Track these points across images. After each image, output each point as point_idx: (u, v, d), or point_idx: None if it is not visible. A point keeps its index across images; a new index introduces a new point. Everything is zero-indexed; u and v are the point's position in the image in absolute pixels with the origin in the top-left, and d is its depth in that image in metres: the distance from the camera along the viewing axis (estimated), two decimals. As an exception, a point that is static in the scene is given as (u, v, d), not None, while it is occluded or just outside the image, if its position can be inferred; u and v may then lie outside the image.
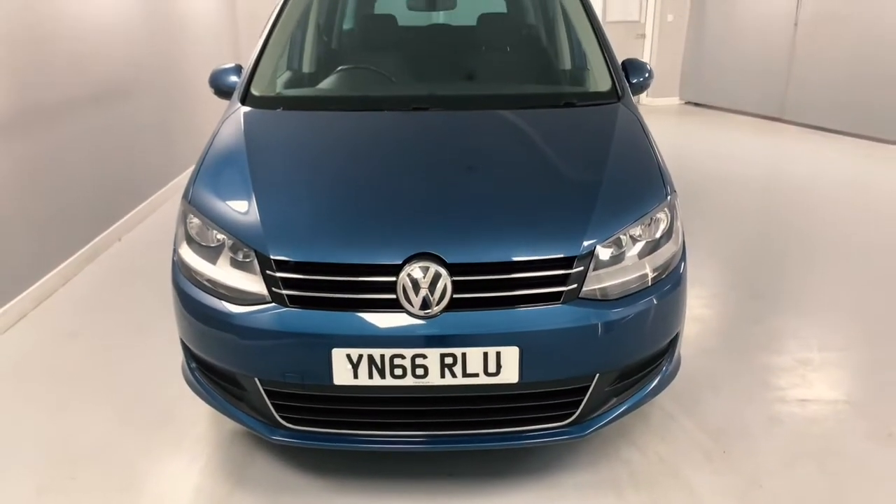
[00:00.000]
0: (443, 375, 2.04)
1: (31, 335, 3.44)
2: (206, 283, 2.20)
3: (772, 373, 3.05)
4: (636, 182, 2.41)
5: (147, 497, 2.32)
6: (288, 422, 2.18)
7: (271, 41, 3.16)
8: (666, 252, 2.30)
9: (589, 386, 2.14)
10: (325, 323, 2.04)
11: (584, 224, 2.15)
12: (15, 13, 3.56)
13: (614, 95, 2.89)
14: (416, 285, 2.02)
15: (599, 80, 3.01)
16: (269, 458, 2.49)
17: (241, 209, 2.23)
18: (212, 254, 2.22)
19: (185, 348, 2.36)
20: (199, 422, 2.68)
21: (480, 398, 2.11)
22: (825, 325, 3.50)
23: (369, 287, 2.05)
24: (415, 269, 2.02)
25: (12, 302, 3.51)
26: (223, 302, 2.14)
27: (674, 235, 2.35)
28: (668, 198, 2.37)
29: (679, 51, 10.03)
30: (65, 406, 2.83)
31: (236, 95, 2.91)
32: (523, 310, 2.05)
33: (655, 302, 2.20)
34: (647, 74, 3.25)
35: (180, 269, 2.29)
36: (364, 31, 3.96)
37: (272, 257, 2.09)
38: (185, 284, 2.25)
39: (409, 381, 2.04)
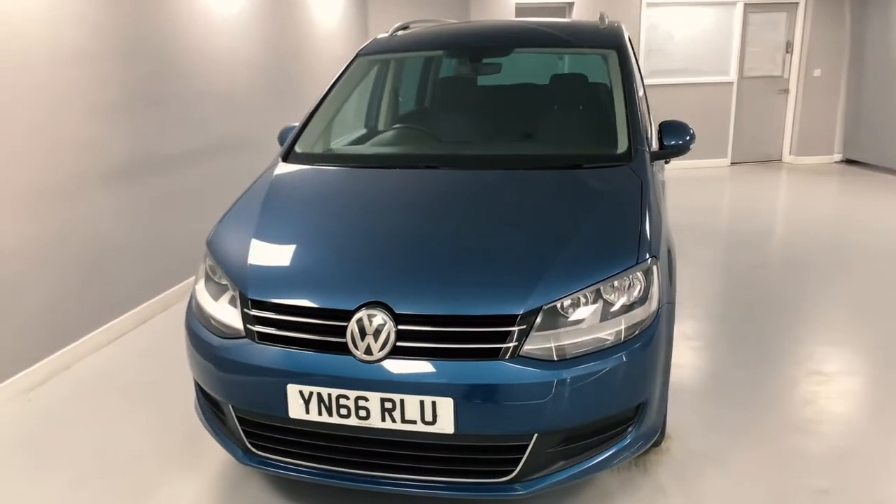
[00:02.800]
0: (383, 419, 2.17)
1: (123, 353, 3.96)
2: (206, 317, 2.49)
3: (798, 456, 2.82)
4: (606, 245, 2.41)
5: (150, 499, 2.62)
6: (255, 448, 2.39)
7: (325, 103, 3.49)
8: (632, 317, 2.27)
9: (528, 444, 2.16)
10: (282, 359, 2.25)
11: (532, 284, 2.20)
12: (145, 85, 4.23)
13: (627, 158, 2.89)
14: (363, 331, 2.17)
15: (619, 143, 3.02)
16: (262, 483, 2.72)
17: (239, 253, 2.52)
18: (218, 291, 2.51)
19: (195, 379, 2.66)
20: (216, 444, 2.97)
21: (420, 445, 2.21)
22: (891, 415, 3.16)
23: (324, 330, 2.23)
24: (364, 316, 2.18)
25: (113, 322, 4.09)
26: (211, 334, 2.42)
27: (647, 302, 2.32)
28: (644, 262, 2.34)
29: (828, 107, 9.38)
30: (121, 417, 3.25)
31: (280, 152, 3.26)
32: (460, 363, 2.13)
33: (609, 367, 2.18)
34: (687, 137, 3.19)
35: (192, 307, 2.60)
36: (436, 92, 4.22)
37: (249, 297, 2.35)
38: (193, 321, 2.55)
39: (353, 421, 2.19)
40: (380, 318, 2.17)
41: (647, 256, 2.38)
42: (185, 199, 4.77)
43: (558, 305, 2.21)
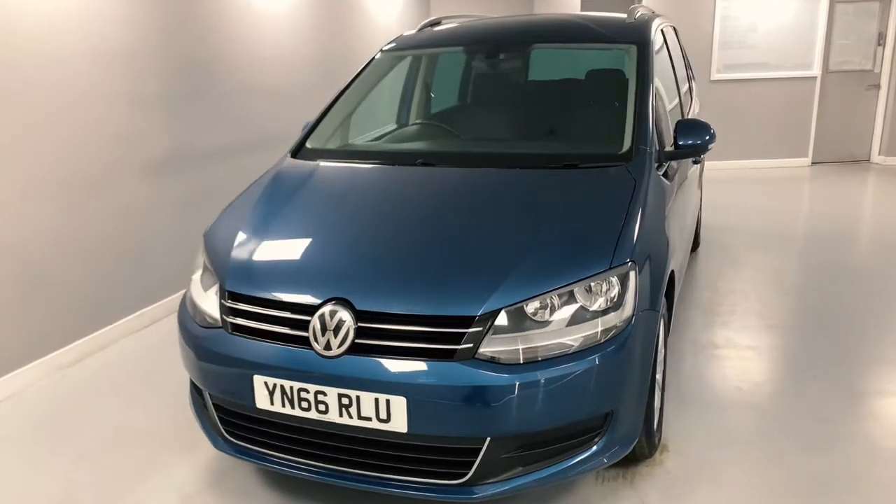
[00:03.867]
0: (341, 414, 2.18)
1: (153, 339, 4.15)
2: (194, 307, 2.57)
3: (802, 479, 2.63)
4: (580, 247, 2.33)
5: (144, 480, 2.75)
6: (230, 435, 2.46)
7: (343, 98, 3.52)
8: (602, 323, 2.19)
9: (480, 448, 2.12)
10: (250, 351, 2.29)
11: (494, 285, 2.16)
12: (188, 80, 4.41)
13: (627, 157, 2.78)
14: (325, 326, 2.19)
15: (624, 142, 2.90)
16: (249, 471, 2.78)
17: (225, 246, 2.59)
18: (210, 282, 2.59)
19: None
20: (217, 427, 3.08)
21: (377, 442, 2.20)
22: (921, 438, 2.90)
23: (289, 323, 2.27)
24: (327, 312, 2.20)
25: (146, 309, 4.29)
26: (195, 323, 2.50)
27: (621, 307, 2.23)
28: (621, 266, 2.25)
29: (924, 103, 8.68)
30: (139, 399, 3.41)
31: (291, 147, 3.31)
32: (414, 362, 2.11)
33: (570, 373, 2.11)
34: (707, 137, 3.05)
35: (186, 297, 2.69)
36: (456, 88, 4.18)
37: (226, 288, 2.41)
38: (184, 310, 2.64)
39: (313, 414, 2.21)
40: (341, 314, 2.18)
41: (625, 260, 2.28)
42: (224, 192, 4.92)
43: (523, 307, 2.15)
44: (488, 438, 2.11)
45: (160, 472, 2.81)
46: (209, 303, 2.50)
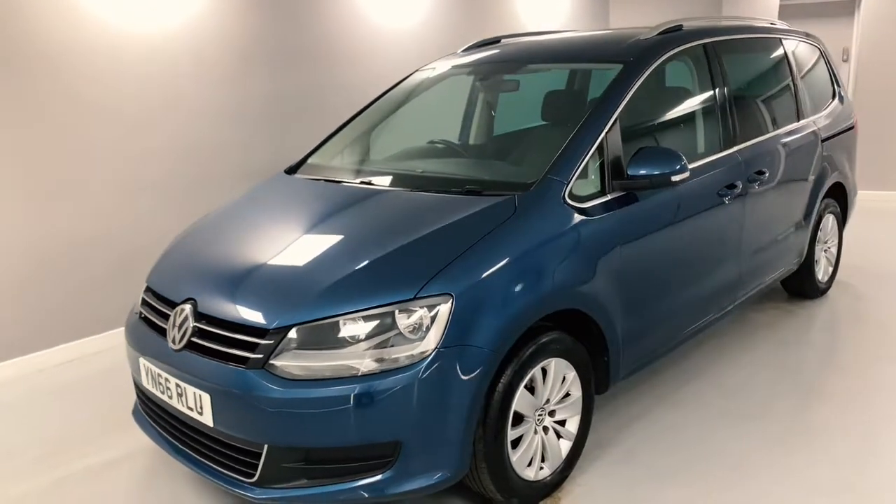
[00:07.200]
0: (178, 402, 2.47)
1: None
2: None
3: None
4: (396, 273, 2.32)
5: (116, 434, 3.27)
6: (142, 408, 2.87)
7: (358, 119, 3.76)
8: (394, 351, 2.19)
9: (261, 453, 2.25)
10: (142, 336, 2.69)
11: (296, 302, 2.28)
12: (295, 96, 4.99)
13: (528, 187, 2.63)
14: (174, 322, 2.50)
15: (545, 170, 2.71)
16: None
17: (169, 244, 3.03)
18: None
19: None
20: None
21: (201, 431, 2.45)
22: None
23: (162, 315, 2.62)
24: (179, 309, 2.51)
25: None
26: (133, 311, 2.94)
27: (422, 340, 2.20)
28: (430, 297, 2.23)
29: None
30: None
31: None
32: (217, 364, 2.32)
33: (346, 394, 2.16)
34: (677, 167, 2.77)
35: None
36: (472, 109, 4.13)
37: (146, 281, 2.84)
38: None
39: (165, 398, 2.54)
40: (187, 313, 2.47)
41: (441, 292, 2.24)
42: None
43: (322, 325, 2.24)
44: (266, 445, 2.24)
45: (128, 435, 3.26)
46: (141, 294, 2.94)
